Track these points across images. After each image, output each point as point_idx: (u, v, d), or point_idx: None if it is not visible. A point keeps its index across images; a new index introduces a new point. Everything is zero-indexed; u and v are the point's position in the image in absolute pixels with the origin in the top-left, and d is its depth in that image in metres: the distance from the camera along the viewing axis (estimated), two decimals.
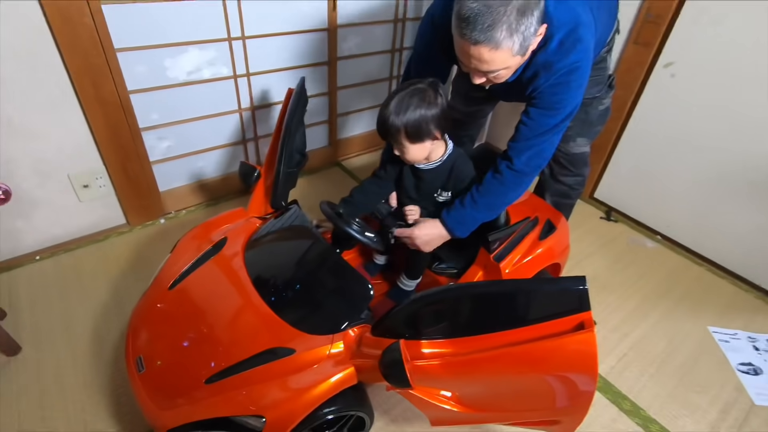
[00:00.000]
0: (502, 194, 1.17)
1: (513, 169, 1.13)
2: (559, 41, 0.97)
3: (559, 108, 1.06)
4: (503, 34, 0.86)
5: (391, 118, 1.06)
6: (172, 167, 1.83)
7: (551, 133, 1.10)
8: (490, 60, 0.91)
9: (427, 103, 1.06)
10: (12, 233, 1.56)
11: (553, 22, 0.96)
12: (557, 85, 1.02)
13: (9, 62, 1.30)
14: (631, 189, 2.10)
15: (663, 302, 1.70)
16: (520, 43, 0.88)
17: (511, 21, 0.85)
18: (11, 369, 1.26)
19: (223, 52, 1.69)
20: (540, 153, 1.13)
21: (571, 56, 0.99)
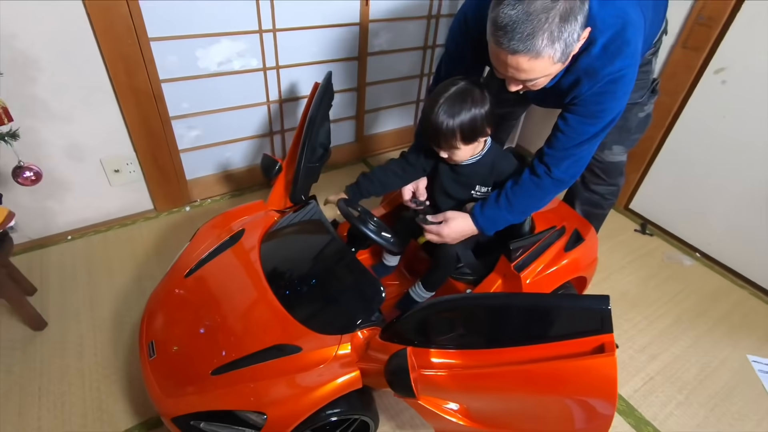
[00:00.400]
0: (538, 199, 1.12)
1: (552, 177, 1.07)
2: (603, 45, 0.90)
3: (600, 116, 0.99)
4: (544, 43, 0.79)
5: (446, 121, 1.03)
6: (200, 156, 1.86)
7: (590, 142, 1.03)
8: (529, 69, 0.84)
9: (478, 101, 1.04)
10: (47, 213, 1.62)
11: (597, 24, 0.88)
12: (601, 93, 0.95)
13: (49, 49, 1.35)
14: (671, 201, 1.98)
15: (698, 325, 1.59)
16: (562, 50, 0.82)
17: (553, 28, 0.78)
18: (36, 344, 1.31)
19: (254, 44, 1.70)
20: (578, 161, 1.07)
21: (617, 62, 0.91)
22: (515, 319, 0.81)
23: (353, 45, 1.95)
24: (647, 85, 1.31)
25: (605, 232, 1.96)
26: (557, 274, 1.24)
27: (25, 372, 1.24)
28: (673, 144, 1.90)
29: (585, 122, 1.00)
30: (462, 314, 0.88)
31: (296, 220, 1.26)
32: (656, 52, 1.29)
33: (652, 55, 1.27)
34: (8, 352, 1.28)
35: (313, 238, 1.18)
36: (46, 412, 1.15)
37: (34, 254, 1.60)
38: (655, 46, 1.26)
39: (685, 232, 1.97)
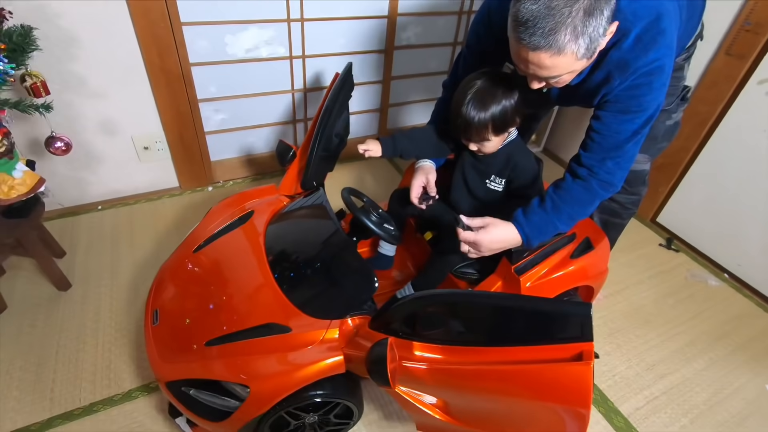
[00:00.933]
0: (587, 203, 1.02)
1: (598, 178, 0.98)
2: (636, 36, 0.85)
3: (638, 111, 0.92)
4: (567, 38, 0.75)
5: (477, 115, 1.03)
6: (225, 139, 1.93)
7: (632, 141, 0.95)
8: (551, 66, 0.81)
9: (508, 92, 1.03)
10: (81, 183, 1.74)
11: (628, 16, 0.84)
12: (636, 87, 0.89)
13: (90, 29, 1.44)
14: (701, 217, 1.87)
15: (716, 348, 1.50)
16: (586, 46, 0.78)
17: (577, 23, 0.74)
18: (60, 303, 1.42)
19: (282, 33, 1.74)
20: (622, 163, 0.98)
21: (651, 53, 0.85)
22: (497, 319, 0.81)
23: (380, 38, 1.95)
24: (677, 91, 1.25)
25: (626, 243, 1.89)
26: (560, 281, 1.21)
27: (46, 327, 1.34)
28: (708, 156, 1.80)
29: (621, 119, 0.93)
30: (447, 310, 0.88)
31: (302, 206, 1.29)
32: (689, 58, 1.22)
33: (684, 60, 1.21)
34: (34, 308, 1.38)
35: (315, 225, 1.21)
36: (61, 366, 1.24)
37: (66, 220, 1.72)
38: (688, 51, 1.19)
39: (714, 250, 1.86)
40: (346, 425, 1.11)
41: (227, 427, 0.95)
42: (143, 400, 1.18)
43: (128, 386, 1.21)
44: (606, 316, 1.58)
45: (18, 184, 1.16)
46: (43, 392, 1.18)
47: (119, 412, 1.15)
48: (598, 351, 1.45)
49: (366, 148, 1.18)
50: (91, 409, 1.15)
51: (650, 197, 2.02)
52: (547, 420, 0.78)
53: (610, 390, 1.34)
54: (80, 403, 1.16)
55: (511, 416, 0.84)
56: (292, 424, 1.02)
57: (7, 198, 1.15)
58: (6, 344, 1.28)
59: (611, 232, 1.53)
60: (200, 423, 0.97)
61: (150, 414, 1.15)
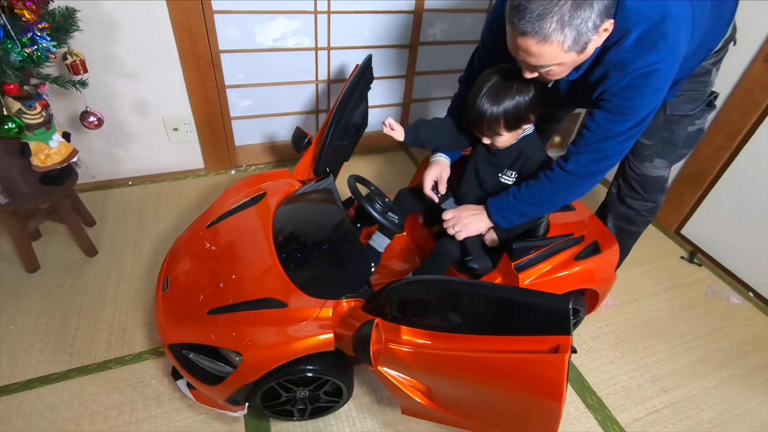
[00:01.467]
0: (548, 192, 1.08)
1: (565, 170, 1.05)
2: (637, 37, 0.85)
3: (629, 114, 0.94)
4: (553, 26, 0.78)
5: (489, 108, 1.05)
6: (249, 125, 2.00)
7: (616, 140, 0.98)
8: (538, 54, 0.83)
9: (522, 88, 1.04)
10: (114, 159, 1.85)
11: (631, 16, 0.84)
12: (630, 88, 0.90)
13: (129, 14, 1.54)
14: (728, 232, 1.79)
15: (729, 368, 1.44)
16: (573, 38, 0.80)
17: (564, 12, 0.77)
18: (86, 268, 1.52)
19: (308, 24, 1.79)
20: (602, 159, 1.02)
21: (649, 56, 0.85)
22: (481, 308, 0.82)
23: (406, 33, 1.97)
24: (702, 97, 1.21)
25: (645, 253, 1.84)
26: (561, 281, 1.19)
27: (72, 289, 1.44)
28: (738, 169, 1.72)
29: (611, 119, 0.95)
30: (434, 295, 0.89)
31: (311, 190, 1.33)
32: (718, 62, 1.17)
33: (712, 65, 1.16)
34: (63, 271, 1.50)
35: (321, 209, 1.25)
36: (82, 325, 1.34)
37: (99, 193, 1.84)
38: (716, 55, 1.15)
39: (740, 267, 1.78)
40: (336, 404, 1.14)
41: (220, 391, 1.00)
42: (151, 363, 1.26)
43: (139, 348, 1.29)
44: (614, 324, 1.54)
45: (54, 153, 1.26)
46: (63, 347, 1.28)
47: (129, 371, 1.24)
48: (601, 358, 1.43)
49: (390, 125, 1.14)
50: (105, 366, 1.24)
51: (675, 208, 1.95)
52: (522, 412, 0.79)
53: (609, 398, 1.32)
54: (95, 360, 1.25)
55: (488, 405, 0.85)
56: (284, 396, 1.06)
57: (44, 165, 1.25)
58: (36, 300, 1.39)
59: (626, 240, 1.50)
60: (197, 385, 1.03)
61: (156, 375, 1.23)
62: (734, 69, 1.62)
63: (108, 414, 1.14)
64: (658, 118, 1.21)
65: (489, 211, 1.15)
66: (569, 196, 1.11)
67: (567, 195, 1.10)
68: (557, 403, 0.70)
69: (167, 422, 1.13)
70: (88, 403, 1.15)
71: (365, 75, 1.48)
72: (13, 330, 1.30)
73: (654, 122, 1.23)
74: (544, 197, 1.10)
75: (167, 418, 1.14)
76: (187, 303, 1.09)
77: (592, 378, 1.36)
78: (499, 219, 1.15)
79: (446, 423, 1.04)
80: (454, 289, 0.86)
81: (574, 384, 1.34)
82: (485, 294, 0.82)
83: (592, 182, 1.07)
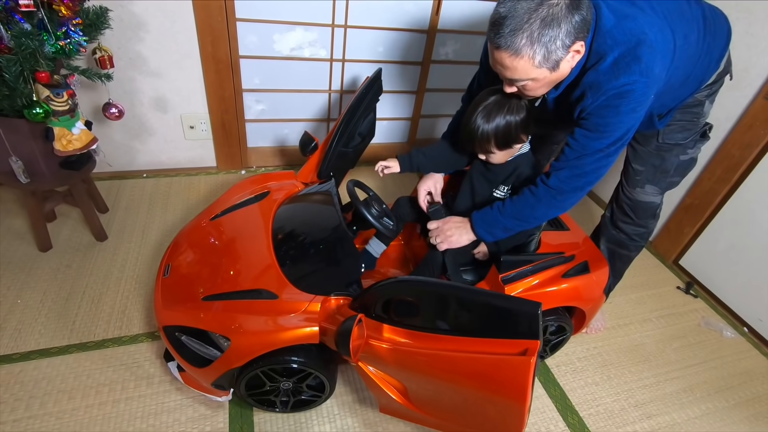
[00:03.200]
0: (530, 206, 1.12)
1: (547, 185, 1.09)
2: (613, 60, 0.91)
3: (605, 131, 0.99)
4: (523, 42, 0.85)
5: (481, 127, 1.11)
6: (262, 128, 2.08)
7: (594, 157, 1.03)
8: (511, 67, 0.90)
9: (513, 109, 1.10)
10: (131, 151, 1.94)
11: (607, 41, 0.91)
12: (605, 107, 0.96)
13: (157, 14, 1.64)
14: (726, 265, 1.79)
15: (716, 400, 1.44)
16: (543, 54, 0.87)
17: (533, 30, 0.84)
18: (95, 251, 1.59)
19: (325, 36, 1.88)
20: (581, 175, 1.06)
21: (622, 78, 0.91)
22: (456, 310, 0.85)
23: (419, 50, 2.05)
24: (695, 127, 1.24)
25: (640, 280, 1.85)
26: (547, 297, 1.22)
27: (80, 270, 1.51)
28: (738, 202, 1.73)
29: (588, 136, 1.01)
30: (416, 296, 0.93)
31: (312, 192, 1.39)
32: (712, 95, 1.21)
33: (705, 97, 1.20)
34: (73, 252, 1.57)
35: (320, 210, 1.30)
36: (84, 304, 1.40)
37: (114, 182, 1.93)
38: (710, 88, 1.19)
39: (736, 301, 1.77)
40: (318, 399, 1.17)
41: (207, 374, 1.04)
42: (146, 345, 1.31)
43: (136, 331, 1.35)
44: (602, 347, 1.55)
45: (75, 140, 1.34)
46: (65, 323, 1.34)
47: (124, 351, 1.29)
48: (586, 379, 1.43)
49: (385, 165, 1.31)
50: (102, 344, 1.29)
51: (674, 238, 1.96)
52: (490, 413, 0.81)
53: (590, 418, 1.32)
54: (94, 338, 1.31)
55: (459, 405, 0.88)
56: (267, 385, 1.10)
57: (65, 150, 1.33)
58: (44, 278, 1.46)
59: (618, 264, 1.52)
60: (186, 367, 1.08)
61: (149, 358, 1.28)
62: (736, 105, 1.65)
63: (100, 390, 1.18)
64: (650, 145, 1.25)
65: (473, 224, 1.19)
66: (551, 210, 1.14)
67: (549, 209, 1.13)
68: (521, 404, 0.73)
69: (155, 402, 1.17)
70: (82, 377, 1.20)
71: (374, 87, 1.54)
72: (20, 304, 1.37)
73: (646, 149, 1.27)
74: (527, 212, 1.13)
75: (155, 398, 1.18)
76: (184, 289, 1.14)
77: (575, 398, 1.37)
78: (482, 232, 1.18)
79: (421, 423, 1.06)
80: (433, 290, 0.89)
81: (556, 402, 1.35)
82: (462, 296, 0.85)
83: (573, 197, 1.11)
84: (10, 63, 1.10)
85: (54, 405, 1.14)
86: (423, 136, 2.39)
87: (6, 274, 1.45)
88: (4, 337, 1.27)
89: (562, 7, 0.83)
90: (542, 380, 1.40)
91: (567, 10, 0.83)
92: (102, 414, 1.13)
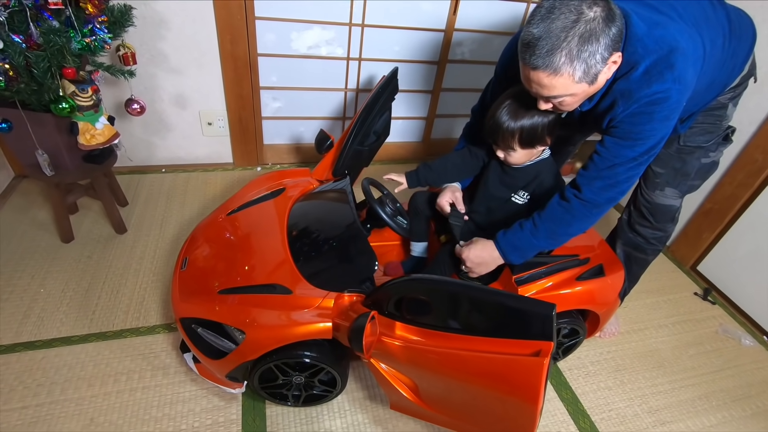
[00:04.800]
0: (566, 223, 1.08)
1: (581, 198, 1.05)
2: (645, 68, 0.89)
3: (638, 139, 0.96)
4: (562, 60, 0.83)
5: (507, 122, 1.09)
6: (278, 125, 2.10)
7: (626, 166, 1.00)
8: (549, 85, 0.89)
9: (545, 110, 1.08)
10: (151, 146, 1.98)
11: (639, 50, 0.89)
12: (638, 114, 0.93)
13: (179, 13, 1.67)
14: (746, 271, 1.76)
15: (732, 408, 1.41)
16: (583, 70, 0.85)
17: (572, 47, 0.82)
18: (114, 243, 1.63)
19: (342, 35, 1.89)
20: (614, 185, 1.03)
21: (654, 85, 0.89)
22: (471, 310, 0.85)
23: (435, 50, 2.05)
24: (718, 130, 1.22)
25: (656, 285, 1.82)
26: (561, 299, 1.21)
27: (100, 261, 1.55)
28: (760, 207, 1.69)
29: (621, 144, 0.98)
30: (429, 294, 0.93)
31: (327, 189, 1.40)
32: (736, 98, 1.19)
33: (729, 100, 1.18)
34: (93, 243, 1.61)
35: (334, 207, 1.31)
36: (104, 294, 1.44)
37: (134, 176, 1.97)
38: (733, 91, 1.17)
39: (756, 309, 1.73)
40: (329, 394, 1.19)
41: (222, 366, 1.06)
42: (162, 336, 1.34)
43: (153, 322, 1.38)
44: (616, 351, 1.53)
45: (98, 134, 1.37)
46: (86, 313, 1.37)
47: (141, 341, 1.32)
48: (599, 383, 1.42)
49: (393, 178, 1.33)
50: (120, 334, 1.33)
51: (692, 243, 1.93)
52: (502, 413, 0.81)
53: (602, 423, 1.31)
54: (113, 328, 1.34)
55: (470, 404, 0.88)
56: (280, 379, 1.11)
57: (88, 144, 1.36)
58: (66, 268, 1.50)
59: (634, 267, 1.50)
60: (202, 359, 1.10)
61: (165, 348, 1.31)
62: (759, 108, 1.62)
63: (118, 378, 1.22)
64: (671, 147, 1.23)
65: (501, 250, 1.13)
66: (585, 224, 1.10)
67: (583, 224, 1.09)
68: (534, 405, 0.73)
69: (171, 392, 1.20)
70: (101, 366, 1.24)
71: (390, 86, 1.55)
72: (43, 293, 1.41)
73: (666, 151, 1.25)
74: (562, 229, 1.09)
75: (171, 388, 1.21)
76: (201, 282, 1.16)
77: (588, 402, 1.36)
78: (512, 256, 1.13)
79: (432, 421, 1.06)
80: (447, 289, 0.90)
81: (568, 405, 1.34)
82: (475, 296, 0.85)
83: (605, 209, 1.07)
84: (39, 59, 1.13)
85: (74, 391, 1.17)
86: (438, 135, 2.39)
87: (30, 263, 1.50)
88: (28, 324, 1.31)
89: (599, 21, 0.81)
90: (554, 383, 1.39)
91: (604, 23, 0.81)
92: (120, 402, 1.17)
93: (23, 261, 1.50)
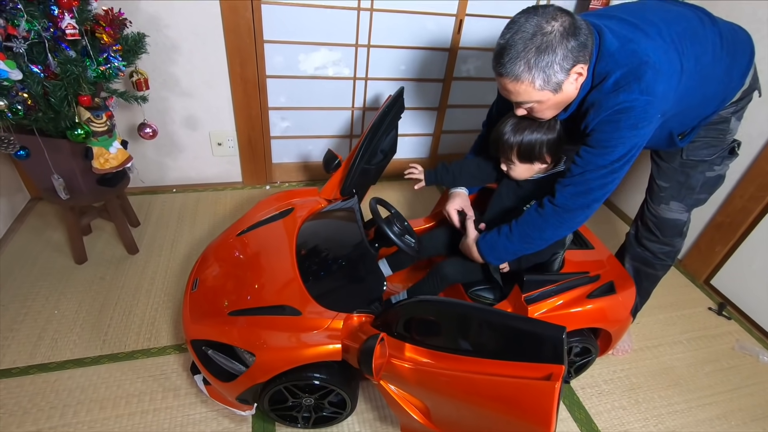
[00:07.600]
0: (538, 228, 1.12)
1: (554, 204, 1.09)
2: (615, 80, 0.95)
3: (607, 147, 0.99)
4: (521, 68, 0.91)
5: (507, 135, 1.14)
6: (286, 145, 2.14)
7: (597, 173, 1.03)
8: (514, 91, 0.96)
9: (545, 128, 1.12)
10: (162, 167, 2.02)
11: (610, 64, 0.95)
12: (606, 122, 0.98)
13: (190, 38, 1.72)
14: (761, 287, 1.72)
15: (753, 428, 1.38)
16: (543, 78, 0.92)
17: (530, 57, 0.90)
18: (127, 264, 1.66)
19: (349, 56, 1.92)
20: (586, 192, 1.05)
21: (621, 95, 0.94)
22: (481, 332, 0.85)
23: (440, 67, 2.07)
24: (721, 144, 1.22)
25: (669, 300, 1.80)
26: (572, 318, 1.20)
27: (112, 282, 1.57)
28: None
29: (591, 152, 1.02)
30: (439, 316, 0.93)
31: (335, 209, 1.41)
32: (738, 112, 1.19)
33: (731, 114, 1.18)
34: (106, 264, 1.64)
35: (342, 227, 1.32)
36: (116, 315, 1.46)
37: (145, 197, 2.01)
38: (735, 105, 1.17)
39: None
40: (339, 415, 1.18)
41: (232, 388, 1.06)
42: (173, 357, 1.35)
43: (164, 343, 1.39)
44: (629, 370, 1.51)
45: (112, 158, 1.41)
46: (98, 334, 1.39)
47: (153, 362, 1.33)
48: (613, 403, 1.39)
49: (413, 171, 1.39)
50: (131, 356, 1.34)
51: (705, 257, 1.90)
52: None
53: None
54: (125, 349, 1.36)
55: (480, 428, 0.87)
56: (290, 401, 1.11)
57: (102, 168, 1.40)
58: (80, 290, 1.52)
59: (644, 283, 1.49)
60: (212, 381, 1.10)
61: (176, 370, 1.31)
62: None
63: (129, 400, 1.22)
64: (674, 161, 1.24)
65: (480, 251, 1.20)
66: (559, 230, 1.12)
67: (557, 229, 1.11)
68: (546, 430, 0.72)
69: (181, 414, 1.20)
70: (113, 387, 1.25)
71: (396, 104, 1.57)
72: (57, 314, 1.43)
73: (670, 165, 1.26)
74: (536, 233, 1.12)
75: (181, 410, 1.21)
76: (211, 303, 1.17)
77: (601, 422, 1.33)
78: (489, 257, 1.19)
79: None
80: (457, 311, 0.90)
81: (581, 426, 1.32)
82: (486, 318, 0.85)
83: (580, 215, 1.09)
84: (56, 88, 1.17)
85: (86, 414, 1.18)
86: (445, 151, 2.40)
87: (45, 285, 1.52)
88: (42, 347, 1.33)
89: (555, 35, 0.89)
90: (567, 403, 1.37)
91: (561, 36, 0.89)
92: (131, 424, 1.17)
93: (38, 282, 1.53)
